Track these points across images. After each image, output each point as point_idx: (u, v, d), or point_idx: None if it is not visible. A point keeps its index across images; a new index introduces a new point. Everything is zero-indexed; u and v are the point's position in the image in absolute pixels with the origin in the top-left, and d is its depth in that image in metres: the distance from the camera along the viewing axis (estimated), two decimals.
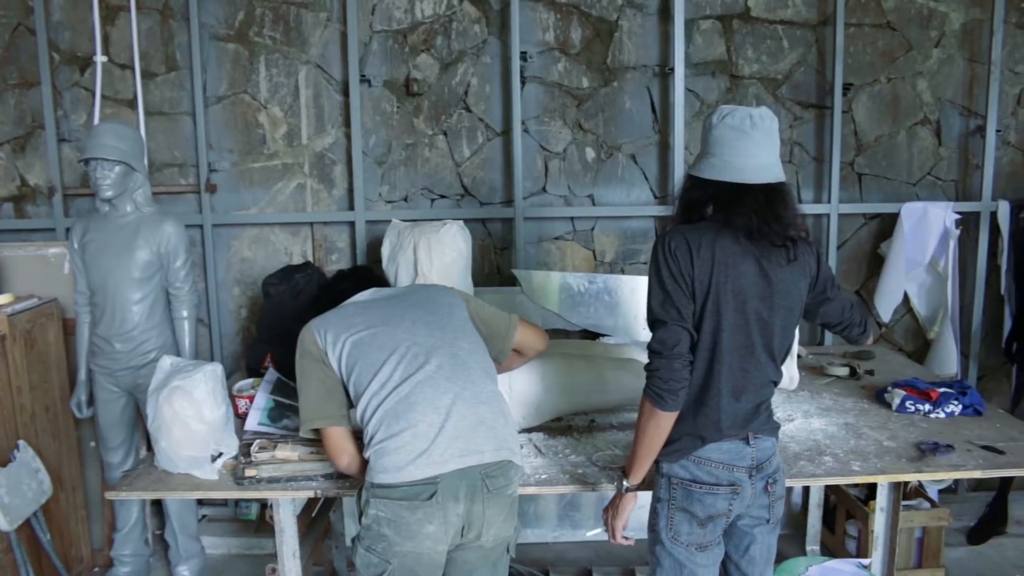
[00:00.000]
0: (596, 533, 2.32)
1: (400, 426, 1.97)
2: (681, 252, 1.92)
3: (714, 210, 2.00)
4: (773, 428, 2.08)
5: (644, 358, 2.01)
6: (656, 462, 2.06)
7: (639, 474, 2.05)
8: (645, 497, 2.12)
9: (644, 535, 2.14)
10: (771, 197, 1.93)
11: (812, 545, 3.70)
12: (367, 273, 2.54)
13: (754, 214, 1.91)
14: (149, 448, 2.72)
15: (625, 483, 2.08)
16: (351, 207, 3.83)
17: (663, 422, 1.96)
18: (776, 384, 2.08)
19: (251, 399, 2.79)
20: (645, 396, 1.96)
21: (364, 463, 2.07)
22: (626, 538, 2.14)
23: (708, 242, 1.92)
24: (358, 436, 2.13)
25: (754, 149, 1.92)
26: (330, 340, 2.12)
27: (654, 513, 2.09)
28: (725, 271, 1.91)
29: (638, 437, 2.00)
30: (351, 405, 2.14)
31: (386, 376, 2.03)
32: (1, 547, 2.90)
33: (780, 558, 2.70)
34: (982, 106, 3.87)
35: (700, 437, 1.98)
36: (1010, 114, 3.94)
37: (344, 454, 2.13)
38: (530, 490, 2.32)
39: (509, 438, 2.07)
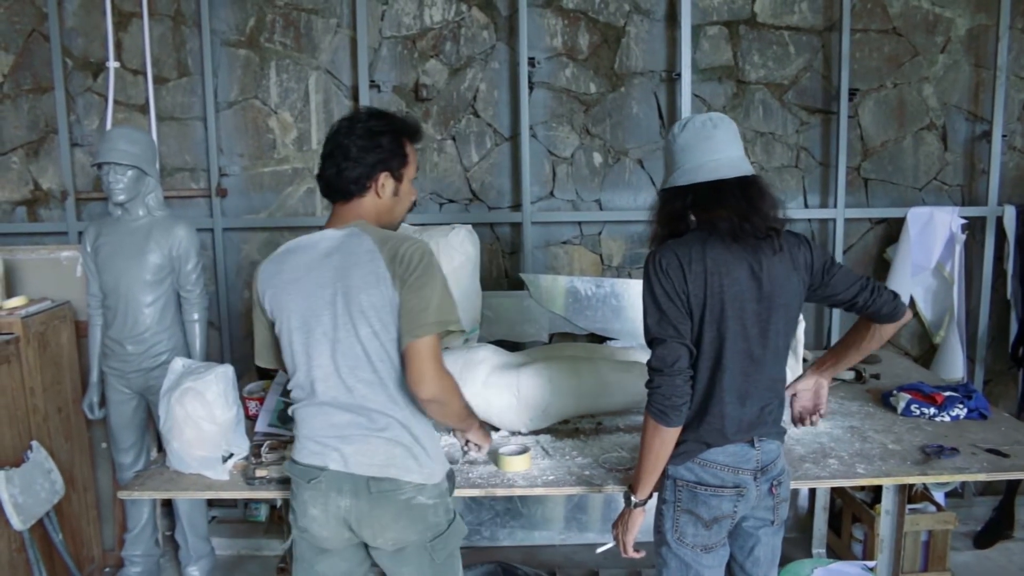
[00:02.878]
0: (606, 548, 2.32)
1: (302, 430, 2.03)
2: (672, 269, 1.93)
3: (697, 218, 2.01)
4: (779, 432, 2.09)
5: None
6: None
7: (646, 489, 2.06)
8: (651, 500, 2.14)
9: (651, 537, 2.16)
10: (748, 191, 1.94)
11: (818, 548, 3.71)
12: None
13: (734, 212, 1.92)
14: (160, 449, 2.76)
15: (633, 499, 2.09)
16: None
17: (667, 437, 1.97)
18: (783, 382, 2.10)
19: (261, 401, 2.82)
20: (648, 413, 1.96)
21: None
22: (636, 551, 2.15)
23: (698, 254, 1.93)
24: None
25: (721, 147, 1.95)
26: (268, 308, 2.04)
27: (660, 515, 2.10)
28: (720, 280, 1.92)
29: (643, 453, 2.01)
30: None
31: (296, 383, 2.02)
32: (15, 546, 2.93)
33: (785, 560, 2.72)
34: (988, 111, 3.88)
35: (705, 443, 1.99)
36: (1016, 119, 3.95)
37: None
38: (537, 491, 2.34)
39: (406, 459, 1.96)
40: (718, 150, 1.95)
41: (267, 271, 2.06)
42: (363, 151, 1.98)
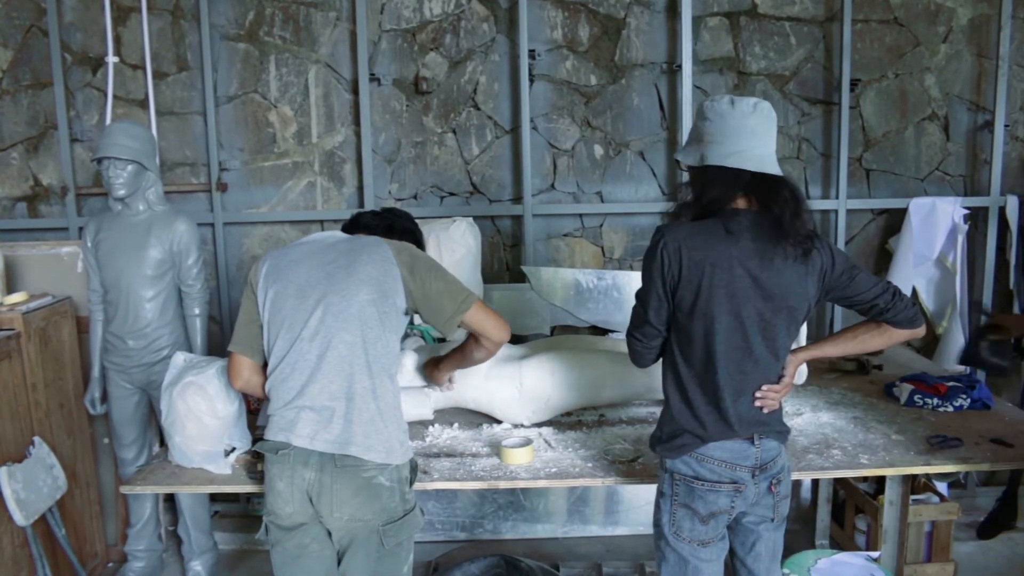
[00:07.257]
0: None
1: (275, 402, 2.11)
2: (670, 252, 1.93)
3: (744, 203, 1.95)
4: (780, 431, 2.07)
5: None
6: (660, 457, 2.08)
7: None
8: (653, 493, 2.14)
9: (651, 530, 2.16)
10: (796, 192, 1.93)
11: (821, 539, 3.70)
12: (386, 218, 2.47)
13: (787, 208, 1.90)
14: (162, 444, 2.76)
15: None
16: (361, 205, 3.85)
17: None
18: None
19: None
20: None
21: (259, 394, 2.25)
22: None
23: (702, 243, 1.91)
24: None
25: (760, 139, 1.95)
26: (261, 284, 2.17)
27: (658, 508, 2.10)
28: (720, 273, 1.90)
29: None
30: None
31: (279, 355, 2.11)
32: (18, 542, 2.93)
33: (789, 552, 2.71)
34: (990, 101, 3.86)
35: (701, 436, 1.98)
36: (1018, 109, 3.93)
37: (238, 379, 2.25)
38: (540, 483, 2.34)
39: (367, 436, 2.04)
40: (759, 142, 1.94)
41: (274, 254, 2.23)
42: (406, 222, 2.47)
